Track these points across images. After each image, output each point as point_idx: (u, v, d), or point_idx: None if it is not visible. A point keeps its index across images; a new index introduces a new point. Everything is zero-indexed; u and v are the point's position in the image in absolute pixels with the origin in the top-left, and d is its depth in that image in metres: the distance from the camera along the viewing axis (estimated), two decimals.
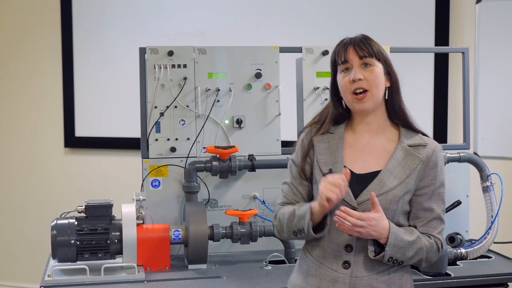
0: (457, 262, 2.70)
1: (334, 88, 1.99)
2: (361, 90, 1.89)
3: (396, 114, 1.95)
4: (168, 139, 2.82)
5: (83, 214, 2.54)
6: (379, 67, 1.90)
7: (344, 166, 1.90)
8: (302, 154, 1.99)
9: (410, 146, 1.91)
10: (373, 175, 1.89)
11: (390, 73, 1.94)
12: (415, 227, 1.90)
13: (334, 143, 1.95)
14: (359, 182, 1.88)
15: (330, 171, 1.91)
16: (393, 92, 1.94)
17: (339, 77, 1.94)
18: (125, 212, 2.54)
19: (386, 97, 1.93)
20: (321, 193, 1.80)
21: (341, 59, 1.91)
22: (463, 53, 3.06)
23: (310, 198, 1.99)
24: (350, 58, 1.90)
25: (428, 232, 1.90)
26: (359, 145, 1.95)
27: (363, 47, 1.89)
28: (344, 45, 1.92)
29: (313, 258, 1.93)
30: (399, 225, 1.88)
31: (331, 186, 1.78)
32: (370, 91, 1.88)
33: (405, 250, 1.83)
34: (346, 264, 1.87)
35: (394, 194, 1.86)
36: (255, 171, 2.83)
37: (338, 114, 2.00)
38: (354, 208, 1.84)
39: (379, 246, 1.85)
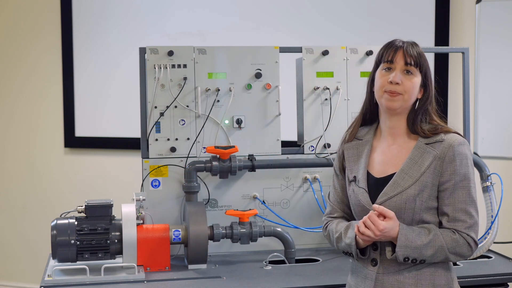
0: (457, 262, 2.69)
1: (372, 81, 2.03)
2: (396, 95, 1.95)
3: (414, 126, 1.97)
4: (168, 139, 2.82)
5: (83, 214, 2.54)
6: (418, 78, 1.96)
7: (368, 172, 1.99)
8: (338, 163, 2.12)
9: (427, 144, 1.95)
10: (390, 177, 1.96)
11: (427, 86, 1.98)
12: (441, 222, 1.94)
13: (362, 149, 2.05)
14: (378, 186, 1.97)
15: (354, 178, 2.01)
16: (422, 104, 1.97)
17: (378, 71, 1.99)
18: (125, 212, 2.54)
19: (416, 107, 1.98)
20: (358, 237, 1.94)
21: (388, 58, 1.96)
22: (463, 53, 3.06)
23: None
24: (396, 60, 1.95)
25: (454, 227, 1.92)
26: (383, 149, 2.02)
27: (412, 54, 1.94)
28: (395, 46, 1.97)
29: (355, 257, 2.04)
30: (424, 222, 1.93)
31: (363, 228, 1.89)
32: (403, 95, 1.94)
33: (421, 249, 1.88)
34: (374, 262, 1.98)
35: (408, 193, 1.91)
36: (255, 171, 2.83)
37: (368, 110, 2.06)
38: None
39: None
